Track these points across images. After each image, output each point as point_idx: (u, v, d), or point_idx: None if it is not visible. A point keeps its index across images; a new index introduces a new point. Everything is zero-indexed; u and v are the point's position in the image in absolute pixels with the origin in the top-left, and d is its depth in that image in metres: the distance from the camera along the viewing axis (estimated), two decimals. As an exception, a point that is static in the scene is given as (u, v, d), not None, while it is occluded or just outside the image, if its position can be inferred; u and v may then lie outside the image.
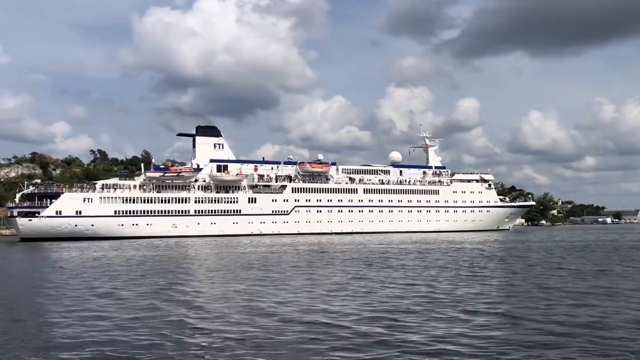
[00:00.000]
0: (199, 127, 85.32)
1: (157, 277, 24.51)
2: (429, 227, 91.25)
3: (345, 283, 21.54)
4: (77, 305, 17.05)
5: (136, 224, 76.62)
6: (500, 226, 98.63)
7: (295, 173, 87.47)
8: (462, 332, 12.60)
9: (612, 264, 28.68)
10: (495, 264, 29.24)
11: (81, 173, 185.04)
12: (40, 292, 20.28)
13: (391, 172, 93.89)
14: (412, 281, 21.93)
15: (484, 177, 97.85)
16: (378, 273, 25.20)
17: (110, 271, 27.95)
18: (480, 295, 18.13)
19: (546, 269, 26.08)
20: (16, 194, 75.84)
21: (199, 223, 79.66)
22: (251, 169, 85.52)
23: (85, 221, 74.10)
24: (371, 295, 18.22)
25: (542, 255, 35.99)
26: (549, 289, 19.20)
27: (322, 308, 15.81)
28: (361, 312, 15.19)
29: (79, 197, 75.02)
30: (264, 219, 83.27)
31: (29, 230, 72.20)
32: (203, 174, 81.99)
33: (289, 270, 26.90)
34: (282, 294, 18.66)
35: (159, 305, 16.69)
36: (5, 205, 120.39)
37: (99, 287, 21.44)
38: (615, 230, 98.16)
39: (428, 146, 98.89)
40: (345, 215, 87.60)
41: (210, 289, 20.60)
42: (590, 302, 16.41)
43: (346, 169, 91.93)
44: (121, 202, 76.54)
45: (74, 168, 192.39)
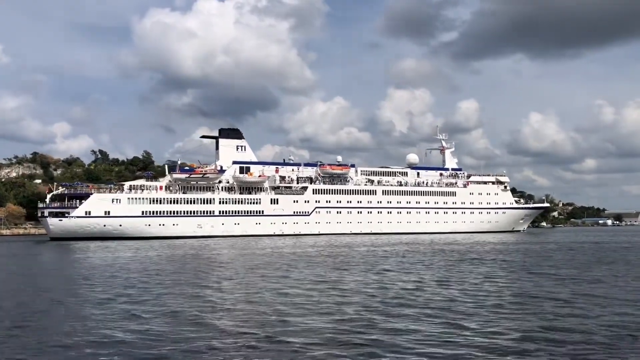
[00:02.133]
0: (222, 130, 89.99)
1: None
2: (446, 228, 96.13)
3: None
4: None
5: (163, 224, 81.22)
6: (515, 227, 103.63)
7: (316, 175, 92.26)
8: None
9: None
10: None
11: (82, 173, 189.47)
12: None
13: (409, 174, 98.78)
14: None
15: (500, 178, 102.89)
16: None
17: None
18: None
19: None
20: (47, 195, 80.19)
21: (223, 223, 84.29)
22: (272, 171, 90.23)
23: (113, 221, 78.65)
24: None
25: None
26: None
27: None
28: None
29: (107, 197, 79.58)
30: (285, 219, 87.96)
31: (59, 230, 76.71)
32: (227, 175, 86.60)
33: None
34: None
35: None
36: (5, 205, 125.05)
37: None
38: (624, 232, 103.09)
39: (445, 148, 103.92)
40: (365, 216, 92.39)
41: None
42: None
43: (365, 171, 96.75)
44: (148, 202, 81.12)
45: (74, 168, 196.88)
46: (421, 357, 11.42)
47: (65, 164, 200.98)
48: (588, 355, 11.29)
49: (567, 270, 26.73)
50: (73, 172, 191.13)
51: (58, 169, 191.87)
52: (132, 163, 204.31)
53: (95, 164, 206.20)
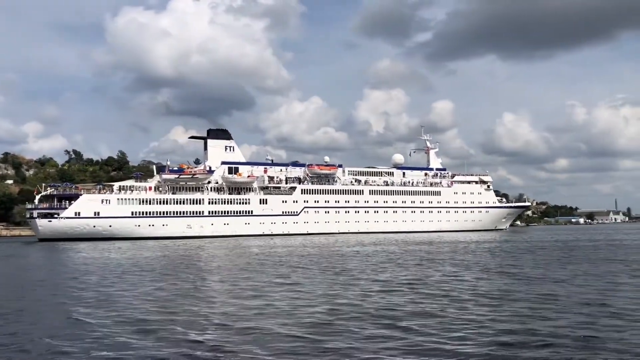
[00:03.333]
0: (210, 130, 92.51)
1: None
2: (431, 227, 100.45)
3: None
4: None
5: (152, 224, 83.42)
6: (498, 226, 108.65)
7: (304, 175, 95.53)
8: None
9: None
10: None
11: (55, 174, 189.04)
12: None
13: (395, 174, 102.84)
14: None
15: (483, 178, 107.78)
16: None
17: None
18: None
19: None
20: (35, 196, 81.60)
21: (213, 224, 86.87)
22: (261, 171, 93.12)
23: (103, 222, 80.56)
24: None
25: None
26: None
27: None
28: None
29: (97, 198, 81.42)
30: (274, 219, 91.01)
31: (48, 231, 78.30)
32: (215, 176, 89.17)
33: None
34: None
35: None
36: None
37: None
38: (601, 230, 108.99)
39: (429, 149, 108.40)
40: (352, 215, 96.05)
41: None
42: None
43: (352, 171, 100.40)
44: (138, 203, 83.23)
45: (48, 168, 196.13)
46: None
47: (38, 164, 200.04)
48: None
49: (531, 269, 26.72)
50: (46, 172, 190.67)
51: (30, 170, 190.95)
52: (106, 163, 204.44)
53: (69, 164, 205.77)
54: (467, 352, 11.06)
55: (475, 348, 11.33)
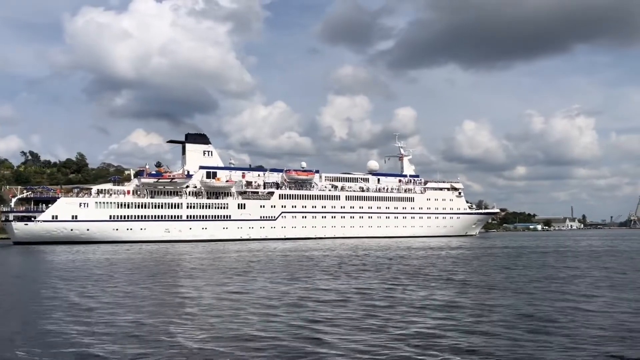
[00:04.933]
0: (188, 135, 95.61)
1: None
2: (405, 232, 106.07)
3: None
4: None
5: (130, 228, 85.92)
6: (468, 232, 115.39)
7: (282, 180, 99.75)
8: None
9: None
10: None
11: (11, 175, 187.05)
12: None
13: (370, 180, 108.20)
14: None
15: (455, 185, 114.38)
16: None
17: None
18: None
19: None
20: (11, 199, 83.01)
21: (191, 228, 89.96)
22: (239, 176, 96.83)
23: (80, 226, 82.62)
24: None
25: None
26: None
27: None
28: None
29: (75, 202, 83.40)
30: (252, 224, 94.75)
31: (25, 234, 79.79)
32: (194, 180, 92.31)
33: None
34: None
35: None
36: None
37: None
38: (556, 237, 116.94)
39: (403, 156, 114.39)
40: (329, 220, 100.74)
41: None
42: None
43: (329, 177, 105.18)
44: (116, 207, 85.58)
45: (2, 170, 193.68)
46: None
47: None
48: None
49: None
50: (0, 174, 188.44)
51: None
52: (64, 165, 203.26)
53: (26, 165, 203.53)
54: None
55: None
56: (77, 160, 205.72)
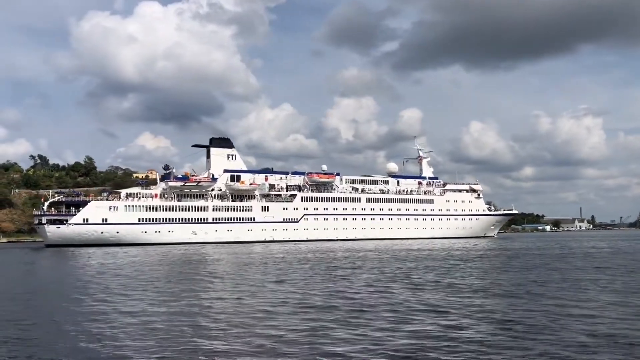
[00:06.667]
0: (213, 139, 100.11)
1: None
2: (424, 234, 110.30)
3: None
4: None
5: (158, 231, 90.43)
6: (487, 233, 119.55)
7: (304, 183, 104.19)
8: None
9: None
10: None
11: (20, 179, 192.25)
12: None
13: (390, 182, 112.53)
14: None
15: (474, 187, 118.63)
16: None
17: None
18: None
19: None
20: (44, 202, 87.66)
21: (217, 230, 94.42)
22: (262, 179, 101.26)
23: (110, 228, 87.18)
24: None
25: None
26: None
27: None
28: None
29: (105, 205, 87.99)
30: (275, 226, 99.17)
31: (57, 237, 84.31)
32: (219, 184, 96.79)
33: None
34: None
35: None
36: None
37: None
38: (563, 238, 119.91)
39: (422, 158, 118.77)
40: (350, 222, 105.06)
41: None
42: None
43: (349, 179, 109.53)
44: (144, 210, 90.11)
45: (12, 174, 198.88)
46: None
47: (2, 169, 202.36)
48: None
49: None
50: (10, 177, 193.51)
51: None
52: (73, 169, 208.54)
53: (35, 169, 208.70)
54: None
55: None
56: (85, 163, 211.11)
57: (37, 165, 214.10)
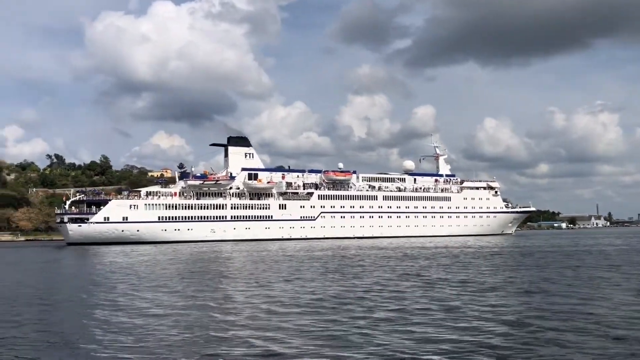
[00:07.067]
0: (230, 138, 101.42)
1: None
2: (442, 231, 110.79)
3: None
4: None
5: (178, 229, 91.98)
6: (505, 230, 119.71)
7: (320, 181, 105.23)
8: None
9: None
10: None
11: (37, 178, 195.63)
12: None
13: (406, 180, 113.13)
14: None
15: (491, 184, 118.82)
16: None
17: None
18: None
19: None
20: (66, 201, 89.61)
21: (235, 228, 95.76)
22: (279, 177, 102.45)
23: (131, 227, 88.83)
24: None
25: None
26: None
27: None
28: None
29: (125, 204, 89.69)
30: (293, 224, 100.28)
31: (78, 235, 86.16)
32: (237, 182, 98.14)
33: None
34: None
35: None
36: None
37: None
38: (578, 235, 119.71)
39: (439, 155, 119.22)
40: (367, 220, 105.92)
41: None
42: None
43: (366, 177, 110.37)
44: (164, 208, 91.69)
45: (29, 173, 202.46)
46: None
47: (19, 168, 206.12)
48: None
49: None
50: (27, 177, 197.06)
51: (11, 174, 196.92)
52: (89, 168, 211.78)
53: (51, 168, 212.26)
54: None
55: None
56: (101, 162, 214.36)
57: (54, 165, 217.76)
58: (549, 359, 11.29)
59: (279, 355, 12.00)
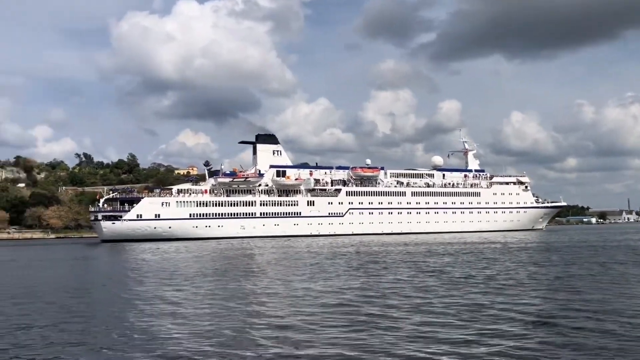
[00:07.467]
0: (258, 135, 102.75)
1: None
2: (471, 227, 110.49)
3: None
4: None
5: (209, 225, 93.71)
6: (535, 226, 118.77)
7: (348, 177, 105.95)
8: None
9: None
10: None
11: (66, 177, 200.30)
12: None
13: (435, 176, 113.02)
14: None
15: (521, 179, 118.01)
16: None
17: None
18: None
19: None
20: (99, 199, 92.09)
21: (264, 225, 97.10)
22: (307, 174, 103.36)
23: (163, 224, 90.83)
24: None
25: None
26: None
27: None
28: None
29: (157, 201, 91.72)
30: (321, 220, 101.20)
31: (112, 232, 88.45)
32: (265, 179, 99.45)
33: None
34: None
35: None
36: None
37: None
38: (622, 230, 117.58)
39: (468, 150, 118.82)
40: (395, 216, 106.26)
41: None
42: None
43: (394, 173, 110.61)
44: (195, 205, 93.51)
45: (59, 172, 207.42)
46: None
47: (49, 167, 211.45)
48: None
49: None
50: (57, 175, 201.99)
51: (41, 173, 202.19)
52: (117, 166, 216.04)
53: (80, 167, 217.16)
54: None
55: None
56: (128, 160, 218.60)
57: (82, 163, 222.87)
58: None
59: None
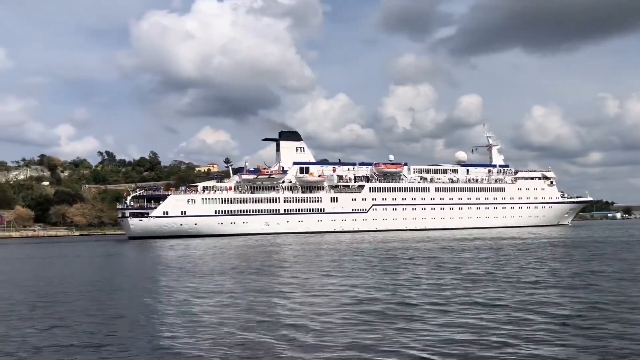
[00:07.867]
0: (282, 132, 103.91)
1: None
2: (496, 222, 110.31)
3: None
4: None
5: (234, 222, 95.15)
6: (561, 221, 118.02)
7: (371, 173, 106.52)
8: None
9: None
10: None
11: (89, 175, 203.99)
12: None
13: (459, 171, 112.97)
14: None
15: (546, 174, 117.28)
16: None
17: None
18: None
19: None
20: (127, 197, 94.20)
21: (288, 221, 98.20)
22: (330, 170, 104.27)
23: (189, 220, 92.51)
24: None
25: None
26: None
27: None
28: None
29: (183, 198, 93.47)
30: (344, 216, 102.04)
31: (139, 229, 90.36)
32: (289, 176, 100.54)
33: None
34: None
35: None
36: (13, 207, 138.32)
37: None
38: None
39: (492, 146, 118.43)
40: (419, 212, 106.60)
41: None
42: None
43: (417, 169, 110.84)
44: (220, 202, 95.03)
45: (82, 170, 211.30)
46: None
47: (73, 165, 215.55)
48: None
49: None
50: (80, 173, 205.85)
51: (65, 171, 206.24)
52: (139, 164, 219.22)
53: (103, 165, 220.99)
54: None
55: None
56: (150, 158, 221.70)
57: (105, 161, 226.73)
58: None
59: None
